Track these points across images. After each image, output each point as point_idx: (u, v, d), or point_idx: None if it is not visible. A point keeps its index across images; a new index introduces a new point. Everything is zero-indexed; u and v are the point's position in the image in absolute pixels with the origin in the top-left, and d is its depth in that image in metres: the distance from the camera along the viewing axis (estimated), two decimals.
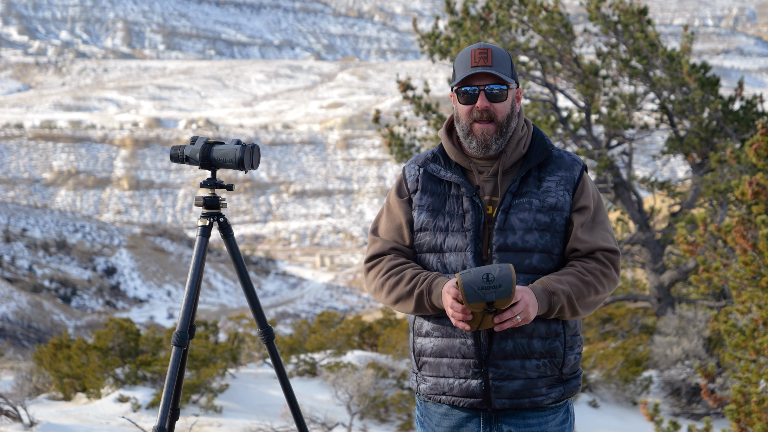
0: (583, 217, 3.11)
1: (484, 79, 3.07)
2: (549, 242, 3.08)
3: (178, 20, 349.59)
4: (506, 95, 3.09)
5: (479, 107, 3.07)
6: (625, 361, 11.40)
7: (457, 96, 3.12)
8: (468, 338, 3.06)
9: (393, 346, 11.63)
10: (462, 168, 3.16)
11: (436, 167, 3.17)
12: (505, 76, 3.07)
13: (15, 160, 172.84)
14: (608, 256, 3.11)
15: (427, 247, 3.14)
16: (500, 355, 3.05)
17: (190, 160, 3.84)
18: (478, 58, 3.06)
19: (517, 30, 12.88)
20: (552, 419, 3.14)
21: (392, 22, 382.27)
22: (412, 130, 13.47)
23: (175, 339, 3.75)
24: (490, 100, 3.07)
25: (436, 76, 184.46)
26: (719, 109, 12.15)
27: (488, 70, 3.05)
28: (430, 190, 3.17)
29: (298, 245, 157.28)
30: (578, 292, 3.03)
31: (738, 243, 6.10)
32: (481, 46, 3.09)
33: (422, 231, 3.15)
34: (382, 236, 3.22)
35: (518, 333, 3.04)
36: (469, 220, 3.08)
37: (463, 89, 3.09)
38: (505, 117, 3.09)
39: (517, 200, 3.08)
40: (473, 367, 3.06)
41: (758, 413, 5.90)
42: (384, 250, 3.19)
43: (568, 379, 3.14)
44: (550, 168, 3.14)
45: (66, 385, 9.98)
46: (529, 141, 3.16)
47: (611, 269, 3.11)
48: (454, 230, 3.10)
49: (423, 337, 3.17)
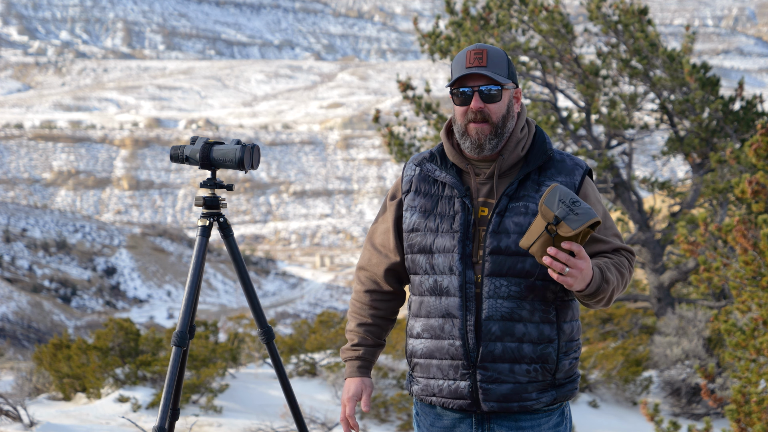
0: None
1: (478, 79, 3.06)
2: None
3: (178, 20, 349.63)
4: (501, 96, 3.07)
5: (473, 108, 3.05)
6: (625, 361, 11.40)
7: (453, 97, 3.12)
8: (456, 339, 3.04)
9: (393, 346, 11.63)
10: (459, 169, 3.15)
11: (431, 167, 3.17)
12: (500, 77, 3.05)
13: (15, 160, 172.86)
14: (628, 256, 3.12)
15: (417, 248, 3.14)
16: (488, 357, 3.02)
17: (190, 160, 3.83)
18: (473, 59, 3.05)
19: (517, 30, 12.88)
20: (545, 422, 3.11)
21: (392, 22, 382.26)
22: (412, 130, 13.47)
23: (175, 339, 3.75)
24: (484, 100, 3.06)
25: (436, 76, 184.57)
26: (719, 109, 12.15)
27: (482, 71, 3.03)
28: (423, 191, 3.16)
29: (298, 245, 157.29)
30: (617, 285, 3.01)
31: (738, 242, 6.10)
32: (477, 47, 3.08)
33: (413, 232, 3.15)
34: (374, 242, 3.29)
35: (508, 336, 3.01)
36: (458, 222, 3.07)
37: (459, 90, 3.08)
38: (500, 118, 3.07)
39: (514, 204, 3.06)
40: (462, 368, 3.05)
41: (758, 413, 5.90)
42: (368, 265, 3.29)
43: (562, 384, 3.10)
44: (550, 172, 3.11)
45: (66, 385, 9.98)
46: (529, 143, 3.14)
47: (632, 269, 3.12)
48: (443, 231, 3.09)
49: (414, 339, 3.17)
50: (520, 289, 3.02)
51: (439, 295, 3.08)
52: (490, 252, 3.03)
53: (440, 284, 3.07)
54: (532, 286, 3.03)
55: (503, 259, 3.02)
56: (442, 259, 3.07)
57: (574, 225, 2.77)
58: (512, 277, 3.02)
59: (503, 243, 3.03)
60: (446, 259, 3.06)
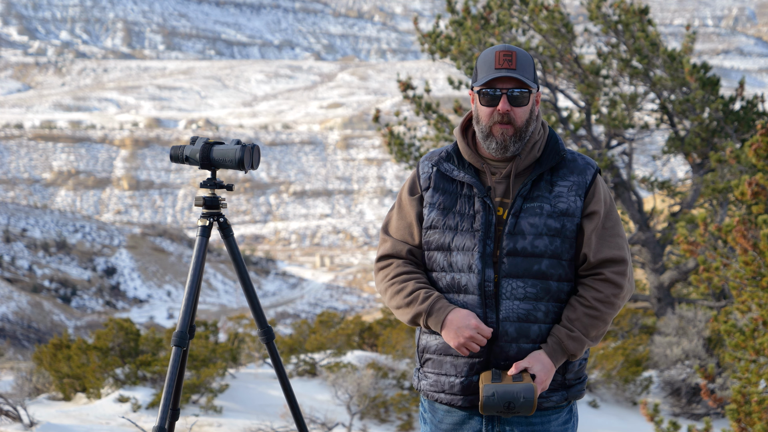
0: (593, 224, 3.09)
1: (507, 82, 3.05)
2: (559, 248, 3.06)
3: (178, 20, 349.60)
4: (528, 99, 3.07)
5: (501, 110, 3.05)
6: (625, 361, 11.39)
7: (478, 97, 3.10)
8: None
9: (393, 347, 11.62)
10: (475, 168, 3.15)
11: (449, 166, 3.17)
12: (529, 81, 3.05)
13: (15, 160, 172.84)
14: (616, 270, 3.09)
15: (435, 245, 3.14)
16: (502, 357, 3.05)
17: (190, 160, 3.84)
18: (502, 61, 3.04)
19: (517, 29, 12.88)
20: (555, 419, 3.15)
21: (392, 22, 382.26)
22: (412, 130, 13.48)
23: (175, 339, 3.75)
24: (511, 103, 3.06)
25: (436, 76, 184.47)
26: (720, 109, 12.15)
27: (512, 74, 3.03)
28: (442, 188, 3.16)
29: (298, 245, 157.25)
30: (594, 333, 3.09)
31: (738, 243, 6.10)
32: (505, 48, 3.06)
33: (432, 229, 3.15)
34: (393, 235, 3.22)
35: (523, 338, 3.06)
36: (479, 221, 3.08)
37: (486, 91, 3.07)
38: (524, 121, 3.08)
39: (528, 204, 3.08)
40: (478, 365, 3.07)
41: (758, 413, 5.90)
42: (394, 251, 3.20)
43: (572, 385, 3.16)
44: (562, 172, 3.13)
45: (66, 385, 9.98)
46: (543, 144, 3.15)
47: (621, 288, 3.09)
48: (463, 230, 3.09)
49: (428, 334, 3.17)
50: (536, 291, 3.05)
51: (457, 293, 3.09)
52: (507, 253, 3.05)
53: (458, 281, 3.08)
54: (547, 287, 3.06)
55: (519, 260, 3.04)
56: (461, 257, 3.08)
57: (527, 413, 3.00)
58: (528, 278, 3.04)
59: (519, 245, 3.05)
60: (465, 257, 3.07)
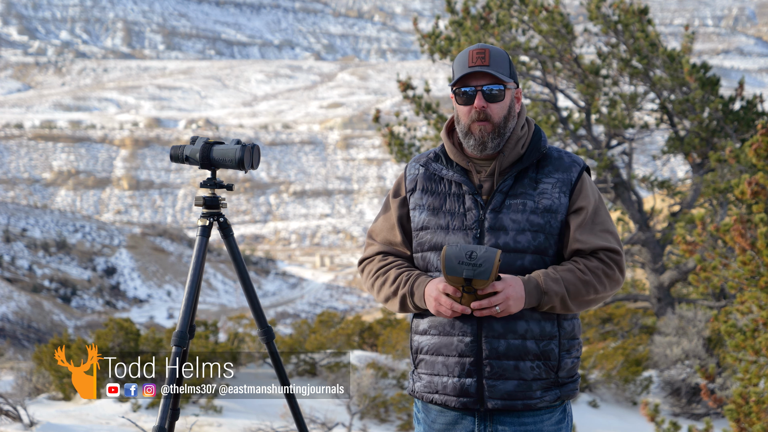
0: (580, 218, 3.09)
1: (481, 79, 3.07)
2: (543, 243, 3.07)
3: (178, 20, 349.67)
4: (504, 95, 3.09)
5: (476, 107, 3.07)
6: (625, 361, 11.40)
7: (455, 97, 3.13)
8: (467, 336, 3.05)
9: (393, 346, 11.63)
10: (462, 168, 3.17)
11: (438, 166, 3.19)
12: (503, 76, 3.07)
13: (15, 160, 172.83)
14: (611, 256, 3.09)
15: (428, 246, 3.15)
16: (493, 354, 3.04)
17: (190, 160, 3.84)
18: (475, 58, 3.07)
19: (517, 30, 12.88)
20: (548, 419, 3.13)
21: (392, 22, 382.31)
22: (412, 130, 13.48)
23: (175, 339, 3.76)
24: (487, 100, 3.07)
25: (436, 76, 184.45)
26: (719, 109, 12.16)
27: (485, 69, 3.05)
28: (430, 189, 3.18)
29: (298, 245, 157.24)
30: (575, 291, 3.03)
31: (736, 242, 6.10)
32: (479, 47, 3.09)
33: (423, 230, 3.16)
34: (376, 238, 3.27)
35: (510, 333, 3.04)
36: (471, 219, 3.09)
37: (461, 89, 3.10)
38: (502, 117, 3.09)
39: (512, 200, 3.09)
40: (469, 365, 3.06)
41: (758, 413, 5.90)
42: (373, 254, 3.25)
43: (565, 383, 3.13)
44: (547, 169, 3.14)
45: (66, 385, 9.98)
46: (528, 141, 3.16)
47: (614, 270, 3.09)
48: (455, 228, 3.10)
49: (420, 335, 3.18)
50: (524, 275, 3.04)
51: None
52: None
53: None
54: None
55: (502, 256, 3.04)
56: None
57: (485, 275, 2.87)
58: (512, 274, 3.04)
59: (501, 240, 3.05)
60: None
